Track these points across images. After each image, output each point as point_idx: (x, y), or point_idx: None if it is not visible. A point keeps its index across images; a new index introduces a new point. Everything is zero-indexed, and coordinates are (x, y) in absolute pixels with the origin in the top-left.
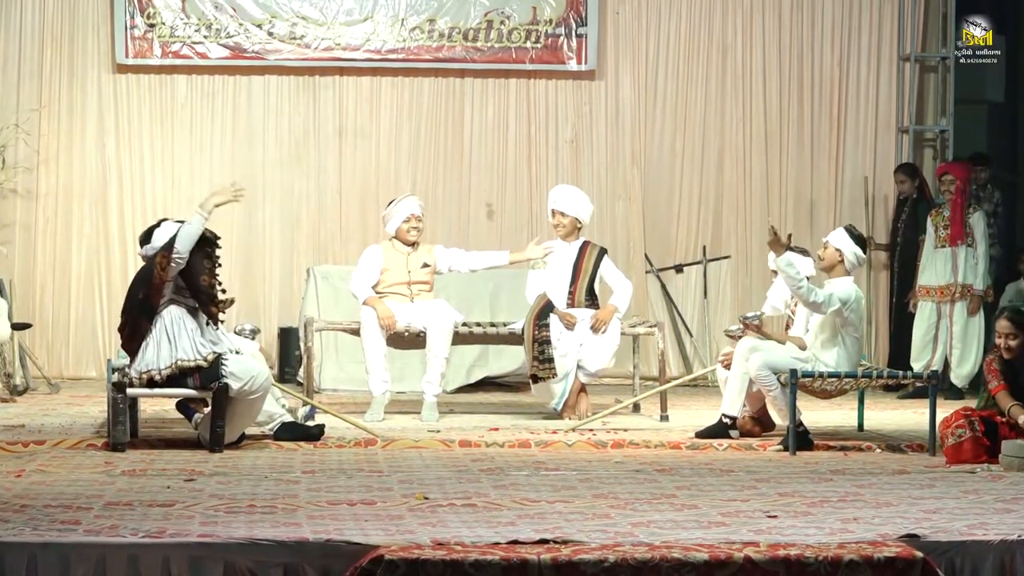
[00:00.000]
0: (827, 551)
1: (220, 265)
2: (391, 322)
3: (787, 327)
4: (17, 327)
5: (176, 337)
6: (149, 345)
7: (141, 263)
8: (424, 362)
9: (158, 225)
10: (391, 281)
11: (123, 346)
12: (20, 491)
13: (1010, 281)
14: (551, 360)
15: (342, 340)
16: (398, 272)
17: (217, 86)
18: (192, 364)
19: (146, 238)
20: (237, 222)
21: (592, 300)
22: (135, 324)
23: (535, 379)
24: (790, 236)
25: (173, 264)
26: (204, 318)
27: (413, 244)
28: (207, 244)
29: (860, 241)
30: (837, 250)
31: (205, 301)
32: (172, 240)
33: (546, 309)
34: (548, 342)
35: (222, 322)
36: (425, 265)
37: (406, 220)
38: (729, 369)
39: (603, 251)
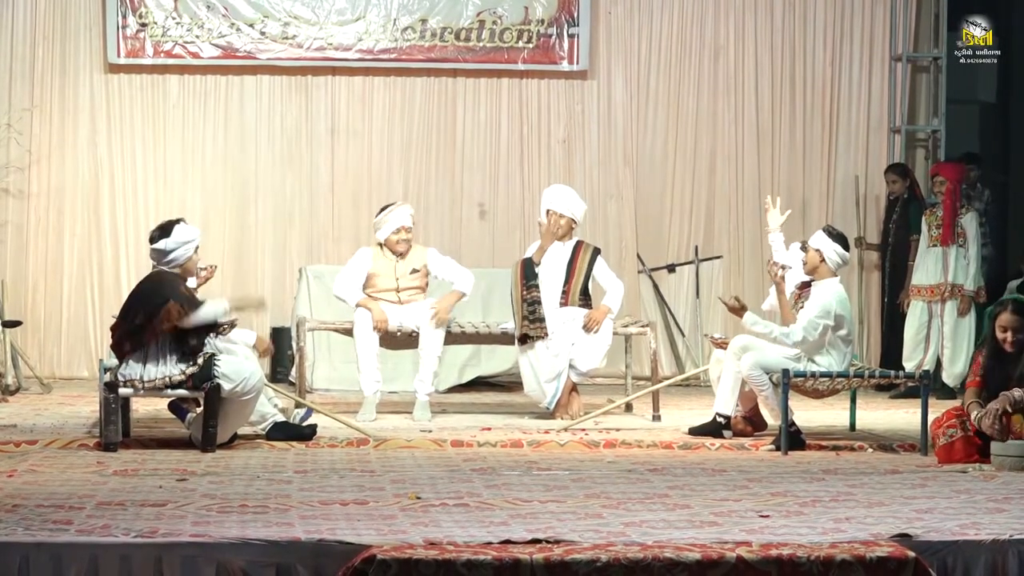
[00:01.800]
0: (819, 551)
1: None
2: (384, 324)
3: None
4: (8, 324)
5: (166, 356)
6: (135, 356)
7: (137, 261)
8: (416, 361)
9: (177, 222)
10: (380, 287)
11: (112, 347)
12: (12, 491)
13: (1006, 280)
14: (542, 320)
15: (334, 340)
16: (386, 279)
17: (209, 86)
18: (179, 379)
19: (160, 233)
20: (229, 222)
21: (586, 300)
22: (123, 337)
23: (525, 339)
24: (736, 299)
25: (179, 324)
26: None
27: (402, 254)
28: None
29: (841, 240)
30: (817, 251)
31: (177, 349)
32: (193, 301)
33: (528, 269)
34: (539, 302)
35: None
36: (414, 271)
37: (395, 232)
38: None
39: (597, 251)
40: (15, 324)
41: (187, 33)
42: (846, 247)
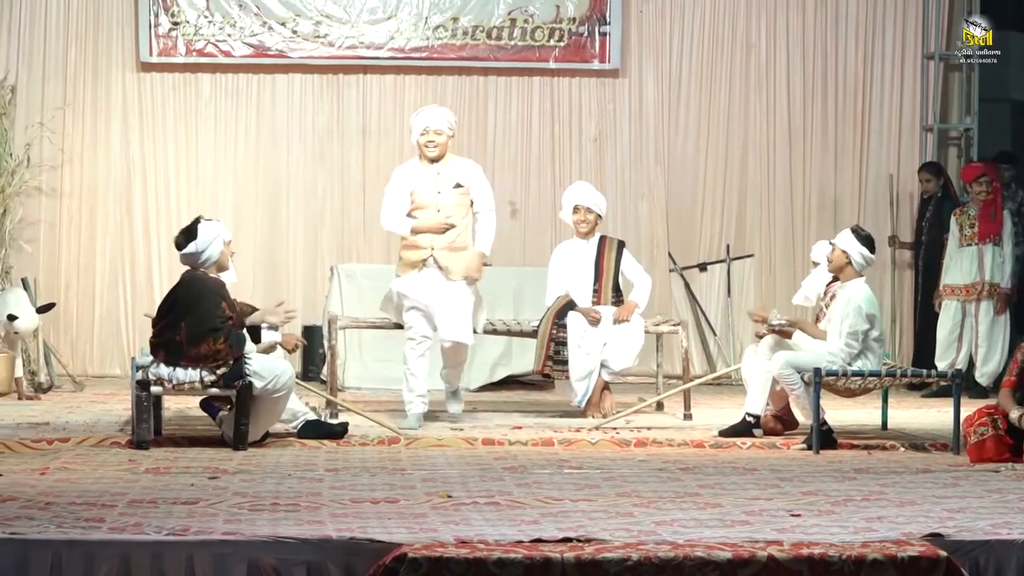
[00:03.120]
0: (851, 550)
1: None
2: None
3: (817, 320)
4: (41, 310)
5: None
6: (168, 359)
7: (169, 259)
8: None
9: (197, 222)
10: (420, 203)
11: (153, 341)
12: (45, 488)
13: None
14: (565, 362)
15: (366, 338)
16: (426, 193)
17: (241, 84)
18: (210, 379)
19: (184, 239)
20: (261, 220)
21: (618, 297)
22: (160, 345)
23: (546, 377)
24: (788, 324)
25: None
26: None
27: (437, 159)
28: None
29: (868, 243)
30: (843, 252)
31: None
32: (239, 337)
33: (566, 309)
34: (564, 343)
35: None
36: (458, 185)
37: (423, 133)
38: (763, 322)
39: (622, 244)
40: (49, 307)
41: (219, 32)
42: (872, 249)
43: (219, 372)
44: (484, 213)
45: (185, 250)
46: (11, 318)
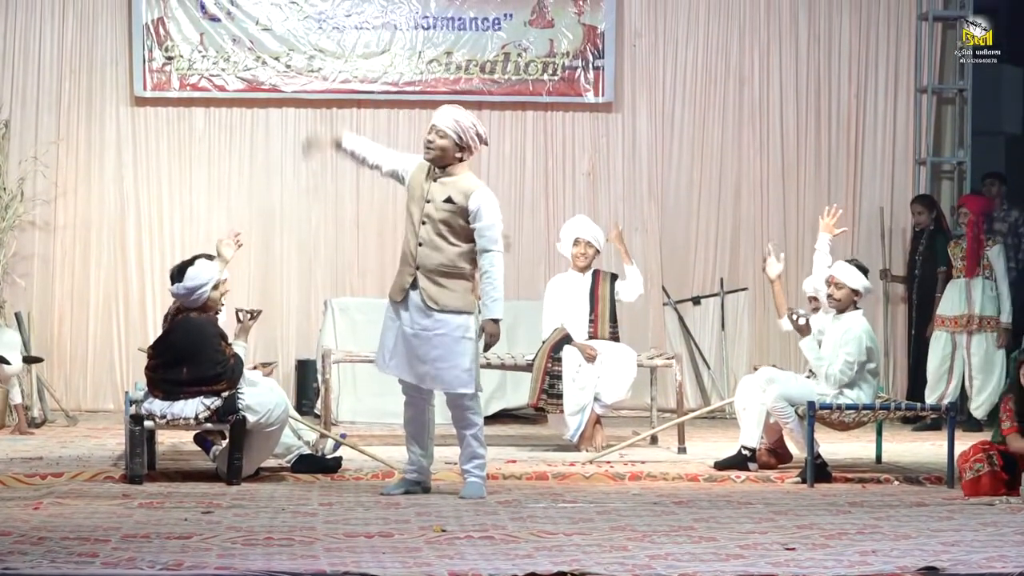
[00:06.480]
0: None
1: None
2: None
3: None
4: (28, 360)
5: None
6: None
7: (163, 293)
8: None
9: (191, 262)
10: (408, 209)
11: (149, 375)
12: (38, 523)
13: None
14: (560, 396)
15: (360, 372)
16: (415, 196)
17: (235, 118)
18: (205, 414)
19: (178, 274)
20: (254, 254)
21: (615, 328)
22: (158, 383)
23: (539, 411)
24: (807, 322)
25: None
26: None
27: (443, 167)
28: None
29: (865, 272)
30: (851, 289)
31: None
32: (237, 368)
33: (562, 343)
34: (559, 377)
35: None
36: (449, 201)
37: (429, 131)
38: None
39: (615, 276)
40: (35, 360)
41: (213, 66)
42: (867, 275)
43: (213, 406)
44: (487, 269)
45: (171, 288)
46: (4, 361)
